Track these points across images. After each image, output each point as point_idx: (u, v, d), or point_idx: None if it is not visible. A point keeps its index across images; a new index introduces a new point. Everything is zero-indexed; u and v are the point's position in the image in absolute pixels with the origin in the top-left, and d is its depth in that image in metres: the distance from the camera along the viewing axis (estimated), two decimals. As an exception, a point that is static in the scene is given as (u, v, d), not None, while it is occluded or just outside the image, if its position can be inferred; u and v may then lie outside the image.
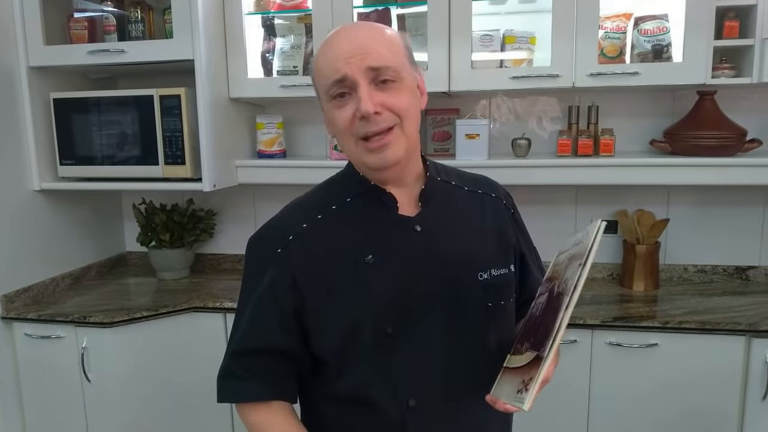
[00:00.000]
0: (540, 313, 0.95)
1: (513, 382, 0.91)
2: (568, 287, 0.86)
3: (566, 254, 0.98)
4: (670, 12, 2.07)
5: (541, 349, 0.85)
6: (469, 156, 2.17)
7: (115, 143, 2.24)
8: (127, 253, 2.80)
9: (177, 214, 2.48)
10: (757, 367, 1.87)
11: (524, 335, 0.96)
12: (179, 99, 2.15)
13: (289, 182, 2.28)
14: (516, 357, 0.95)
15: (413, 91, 1.00)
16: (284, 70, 2.28)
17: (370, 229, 1.01)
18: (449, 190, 1.09)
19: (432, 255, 1.01)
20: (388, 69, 0.94)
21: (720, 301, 2.09)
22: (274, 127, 2.36)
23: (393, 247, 1.00)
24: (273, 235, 1.04)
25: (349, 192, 1.05)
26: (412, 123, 0.98)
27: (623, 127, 2.29)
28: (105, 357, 2.10)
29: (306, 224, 1.02)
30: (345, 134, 0.97)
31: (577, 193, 2.41)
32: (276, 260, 1.01)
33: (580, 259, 0.87)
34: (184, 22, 2.10)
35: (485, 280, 1.03)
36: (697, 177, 2.06)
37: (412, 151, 1.01)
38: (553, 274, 0.98)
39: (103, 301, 2.24)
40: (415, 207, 1.04)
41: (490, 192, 1.14)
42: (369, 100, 0.92)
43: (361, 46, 0.94)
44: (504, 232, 1.10)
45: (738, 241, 2.33)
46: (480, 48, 2.14)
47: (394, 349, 0.98)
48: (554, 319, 0.85)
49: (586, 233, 0.91)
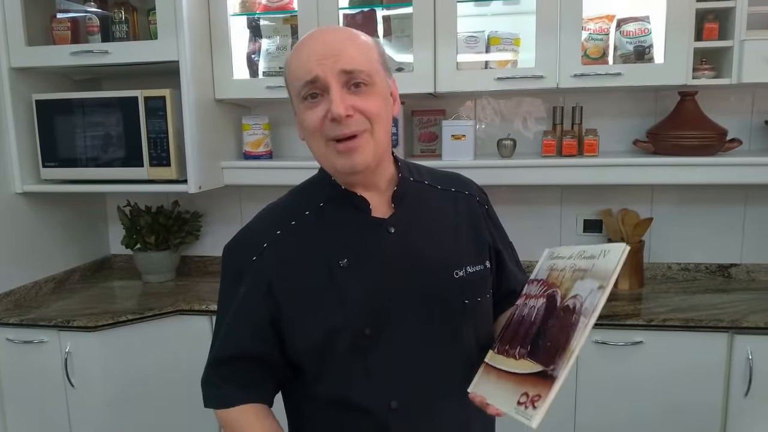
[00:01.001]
0: (536, 320, 0.93)
1: (508, 388, 0.89)
2: (585, 308, 0.84)
3: (567, 263, 0.96)
4: (651, 14, 2.09)
5: (552, 368, 0.83)
6: (455, 157, 2.18)
7: (99, 145, 2.22)
8: (112, 256, 2.78)
9: (162, 216, 2.46)
10: (739, 363, 1.90)
11: (515, 338, 0.95)
12: (164, 100, 2.14)
13: (275, 183, 2.25)
14: (505, 359, 0.94)
15: (386, 98, 1.00)
16: (270, 71, 2.27)
17: (344, 233, 1.01)
18: (422, 189, 1.09)
19: (407, 255, 1.01)
20: (361, 72, 0.94)
21: (703, 298, 2.12)
22: (260, 128, 2.35)
23: (367, 250, 1.00)
24: (247, 243, 1.04)
25: (321, 197, 1.05)
26: (383, 128, 0.98)
27: (607, 127, 2.31)
28: (89, 361, 2.08)
29: (280, 231, 1.03)
30: (314, 135, 0.97)
31: (562, 192, 2.43)
32: (251, 268, 1.01)
33: (600, 281, 0.85)
34: (169, 22, 2.09)
35: (461, 277, 1.04)
36: (680, 176, 2.09)
37: (382, 156, 1.01)
38: (552, 280, 0.96)
39: (87, 304, 2.21)
40: (388, 209, 1.04)
41: (463, 189, 1.14)
42: (341, 103, 0.92)
43: (334, 49, 0.94)
44: (478, 229, 1.11)
45: (720, 239, 2.36)
46: (465, 49, 2.15)
47: (373, 351, 0.99)
48: (567, 338, 0.83)
49: (603, 252, 0.89)
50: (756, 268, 2.34)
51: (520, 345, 0.92)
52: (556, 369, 0.82)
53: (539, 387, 0.83)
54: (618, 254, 0.86)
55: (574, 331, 0.83)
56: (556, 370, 0.82)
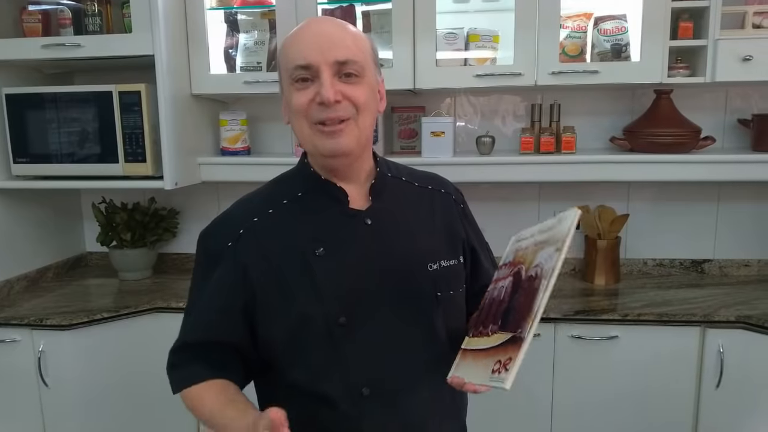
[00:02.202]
0: (505, 297, 0.95)
1: (483, 363, 0.91)
2: (544, 271, 0.87)
3: (530, 241, 0.99)
4: (628, 12, 2.12)
5: (519, 331, 0.85)
6: (435, 153, 2.18)
7: (73, 140, 2.18)
8: (87, 253, 2.73)
9: (139, 213, 2.43)
10: (711, 356, 1.94)
11: (486, 318, 0.97)
12: (139, 95, 2.10)
13: (253, 180, 2.21)
14: (479, 339, 0.96)
15: (374, 91, 1.03)
16: (248, 66, 2.25)
17: (321, 223, 1.03)
18: (399, 185, 1.12)
19: (382, 247, 1.03)
20: (354, 63, 0.97)
21: (677, 293, 2.16)
22: (237, 123, 2.33)
23: (344, 240, 1.02)
24: (224, 229, 1.05)
25: (300, 187, 1.07)
26: (368, 118, 1.01)
27: (585, 125, 2.33)
28: (63, 361, 2.04)
29: (257, 218, 1.04)
30: (299, 117, 0.99)
31: (540, 189, 2.45)
32: (227, 254, 1.02)
33: (555, 245, 0.88)
34: (144, 16, 2.05)
35: (434, 270, 1.06)
36: (655, 173, 2.12)
37: (364, 145, 1.04)
38: (517, 259, 0.99)
39: (62, 303, 2.18)
40: (366, 201, 1.06)
41: (440, 188, 1.17)
42: (330, 88, 0.95)
43: (330, 38, 0.97)
44: (453, 226, 1.14)
45: (694, 235, 2.41)
46: (444, 46, 2.15)
47: (346, 339, 1.00)
48: (531, 302, 0.86)
49: (558, 220, 0.92)
50: (728, 264, 2.39)
51: (492, 323, 0.95)
52: (523, 330, 0.85)
53: (510, 351, 0.86)
54: (571, 218, 0.89)
55: (537, 294, 0.86)
56: (523, 331, 0.85)
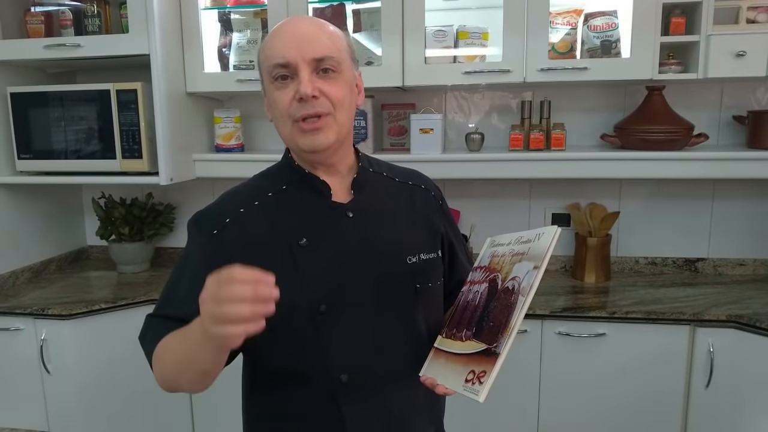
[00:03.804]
0: (480, 303, 0.97)
1: (456, 369, 0.93)
2: (522, 288, 0.89)
3: (506, 248, 1.01)
4: (618, 8, 2.10)
5: (494, 345, 0.88)
6: (424, 150, 2.19)
7: (74, 137, 2.25)
8: (88, 247, 2.81)
9: (136, 208, 2.49)
10: (700, 355, 1.92)
11: (461, 321, 0.99)
12: (136, 93, 2.16)
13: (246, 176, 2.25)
14: (452, 342, 0.98)
15: (351, 87, 1.06)
16: (241, 64, 2.29)
17: (305, 215, 1.06)
18: (380, 180, 1.15)
19: (363, 239, 1.06)
20: (330, 59, 1.00)
21: (668, 292, 2.14)
22: (231, 121, 2.37)
23: (326, 232, 1.05)
24: (210, 218, 1.08)
25: (284, 180, 1.10)
26: (345, 114, 1.04)
27: (576, 121, 2.32)
28: (64, 348, 2.12)
29: (243, 209, 1.07)
30: (283, 115, 1.02)
31: (531, 186, 2.44)
32: (211, 241, 1.05)
33: (535, 261, 0.89)
34: (140, 16, 2.11)
35: (414, 263, 1.09)
36: (647, 170, 2.10)
37: (343, 140, 1.07)
38: (493, 265, 1.01)
39: (63, 293, 2.25)
40: (348, 195, 1.09)
41: (420, 183, 1.20)
42: (308, 83, 0.98)
43: (307, 36, 1.00)
44: (432, 221, 1.17)
45: (687, 233, 2.37)
46: (433, 43, 2.16)
47: (327, 327, 1.03)
48: (507, 317, 0.88)
49: (537, 235, 0.94)
50: (722, 263, 2.36)
51: (466, 328, 0.97)
52: (499, 346, 0.87)
53: (484, 364, 0.88)
54: (550, 236, 0.91)
55: (514, 310, 0.88)
56: (499, 346, 0.87)
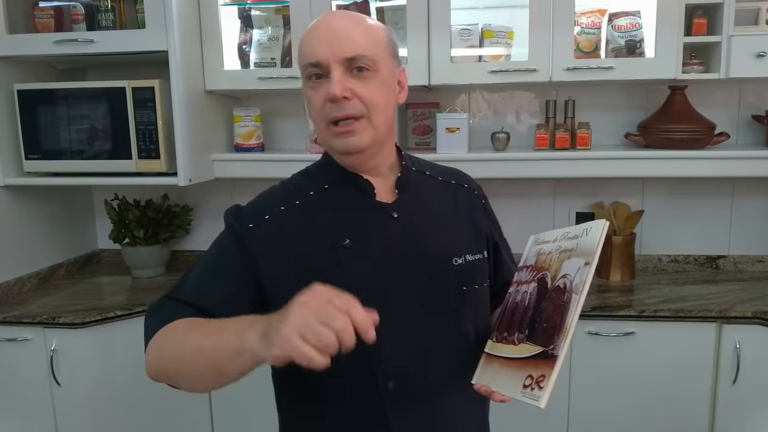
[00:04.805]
0: (530, 304, 0.95)
1: (511, 374, 0.90)
2: (575, 285, 0.87)
3: (553, 246, 0.99)
4: (642, 8, 2.12)
5: (551, 347, 0.85)
6: (450, 149, 2.18)
7: (85, 137, 2.17)
8: (99, 251, 2.71)
9: (151, 209, 2.41)
10: (727, 352, 1.93)
11: (511, 324, 0.97)
12: (153, 91, 2.09)
13: (267, 176, 2.21)
14: (504, 346, 0.95)
15: (389, 85, 1.02)
16: (262, 62, 2.24)
17: (348, 215, 1.03)
18: (424, 179, 1.13)
19: (409, 240, 1.03)
20: (364, 57, 0.96)
21: (692, 289, 2.16)
22: (251, 120, 2.32)
23: (371, 233, 1.02)
24: (249, 212, 1.05)
25: (326, 179, 1.07)
26: (381, 116, 1.00)
27: (598, 121, 2.33)
28: (76, 359, 2.02)
29: (284, 207, 1.03)
30: (318, 116, 1.00)
31: (555, 186, 2.45)
32: (246, 234, 1.01)
33: (585, 257, 0.87)
34: (158, 11, 2.04)
35: (460, 265, 1.06)
36: (670, 169, 2.12)
37: (382, 141, 1.04)
38: (540, 264, 0.99)
39: (74, 301, 2.16)
40: (392, 194, 1.06)
41: (463, 183, 1.18)
42: (338, 84, 0.94)
43: (340, 34, 0.97)
44: (477, 221, 1.14)
45: (708, 231, 2.41)
46: (459, 42, 2.15)
47: (374, 332, 0.99)
48: (562, 317, 0.86)
49: (585, 230, 0.92)
50: (742, 260, 2.39)
51: (518, 330, 0.94)
52: (556, 348, 0.84)
53: (542, 368, 0.85)
54: (599, 230, 0.89)
55: (568, 309, 0.86)
56: (556, 348, 0.84)
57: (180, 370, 0.93)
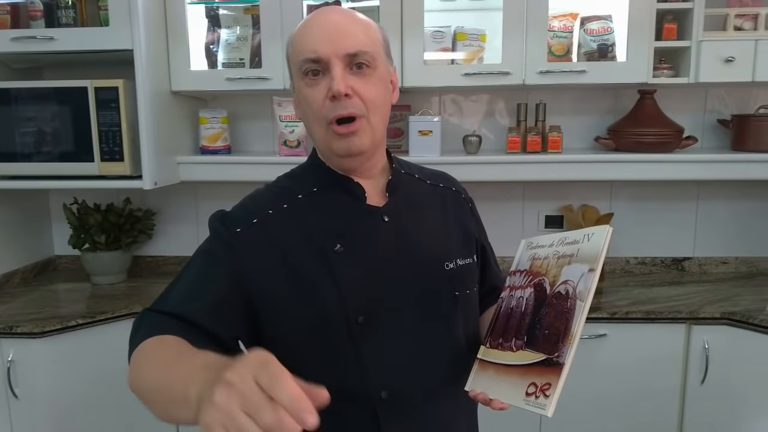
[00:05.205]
0: (528, 309, 0.92)
1: (511, 382, 0.88)
2: (579, 292, 0.84)
3: (548, 250, 0.97)
4: (613, 13, 2.14)
5: (556, 355, 0.83)
6: (422, 152, 2.16)
7: (43, 139, 2.07)
8: (56, 257, 2.60)
9: (113, 214, 2.32)
10: (696, 352, 1.97)
11: (507, 330, 0.94)
12: (117, 91, 2.02)
13: (234, 179, 2.19)
14: (500, 352, 0.93)
15: (385, 84, 1.00)
16: (230, 62, 2.18)
17: (338, 219, 1.00)
18: (413, 182, 1.11)
19: (400, 245, 1.01)
20: (365, 54, 0.94)
21: (660, 291, 2.19)
22: (218, 121, 2.26)
23: (362, 237, 0.99)
24: (235, 216, 1.00)
25: (315, 182, 1.03)
26: (380, 116, 0.98)
27: (568, 124, 2.34)
28: (35, 370, 1.93)
29: (272, 210, 1.00)
30: (316, 116, 0.96)
31: (524, 189, 2.45)
32: (234, 239, 0.97)
33: (589, 263, 0.86)
34: (122, 9, 1.97)
35: (451, 269, 1.04)
36: (641, 173, 2.14)
37: (379, 143, 1.02)
38: (535, 269, 0.96)
39: (31, 309, 2.06)
40: (382, 198, 1.04)
41: (450, 186, 1.16)
42: (342, 81, 0.92)
43: (340, 29, 0.94)
44: (465, 224, 1.13)
45: (674, 233, 2.45)
46: (432, 44, 2.13)
47: (365, 340, 0.96)
48: (566, 323, 0.84)
49: (586, 236, 0.90)
50: (707, 261, 2.44)
51: (515, 336, 0.92)
52: (561, 355, 0.82)
53: (546, 375, 0.83)
54: (603, 236, 0.88)
55: (573, 316, 0.84)
56: (562, 356, 0.82)
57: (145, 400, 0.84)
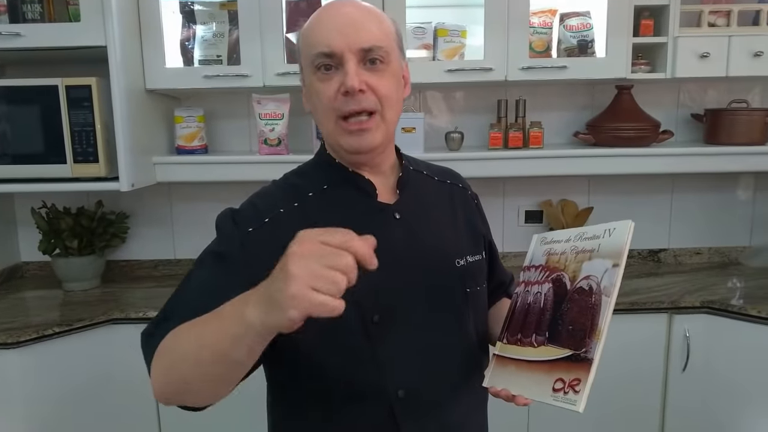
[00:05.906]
0: (547, 305, 0.92)
1: (535, 378, 0.87)
2: (604, 287, 0.85)
3: (565, 245, 0.97)
4: (591, 9, 2.16)
5: (583, 350, 0.82)
6: (406, 149, 2.06)
7: (10, 140, 1.98)
8: (23, 263, 2.48)
9: (85, 218, 2.23)
10: (677, 341, 2.01)
11: (525, 325, 0.94)
12: (90, 90, 1.94)
13: (211, 180, 2.12)
14: (520, 348, 0.93)
15: (398, 79, 0.99)
16: (207, 59, 2.12)
17: (350, 217, 0.98)
18: (422, 179, 1.10)
19: (412, 242, 1.00)
20: (379, 49, 0.93)
21: (640, 282, 2.23)
22: (194, 120, 2.19)
23: (374, 235, 0.96)
24: (246, 215, 0.98)
25: (326, 179, 1.02)
26: (393, 111, 0.98)
27: (547, 120, 2.36)
28: (10, 383, 1.84)
29: (283, 209, 0.98)
30: (326, 110, 0.95)
31: (504, 185, 2.46)
32: (246, 239, 0.94)
33: (613, 259, 0.86)
34: (95, 4, 1.89)
35: (462, 266, 1.05)
36: (620, 167, 2.18)
37: (390, 139, 1.01)
38: (552, 264, 0.96)
39: (2, 319, 1.95)
40: (392, 195, 1.03)
41: (457, 182, 1.17)
42: (355, 76, 0.91)
43: (354, 23, 0.93)
44: (473, 221, 1.13)
45: (650, 226, 2.50)
46: (412, 40, 2.12)
47: (381, 339, 0.95)
48: (592, 319, 0.83)
49: (607, 231, 0.90)
50: (682, 252, 2.51)
51: (535, 332, 0.92)
52: (589, 351, 0.82)
53: (575, 371, 0.83)
54: (625, 231, 0.88)
55: (599, 311, 0.83)
56: (590, 351, 0.82)
57: (190, 382, 0.82)
